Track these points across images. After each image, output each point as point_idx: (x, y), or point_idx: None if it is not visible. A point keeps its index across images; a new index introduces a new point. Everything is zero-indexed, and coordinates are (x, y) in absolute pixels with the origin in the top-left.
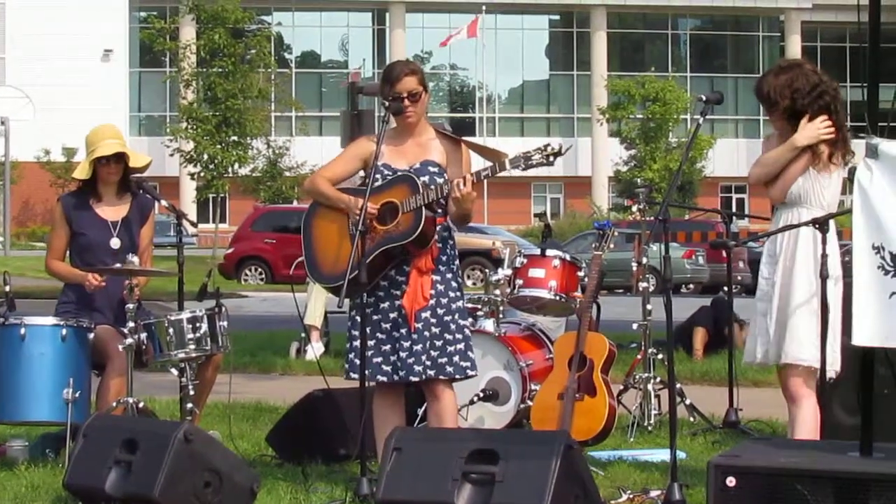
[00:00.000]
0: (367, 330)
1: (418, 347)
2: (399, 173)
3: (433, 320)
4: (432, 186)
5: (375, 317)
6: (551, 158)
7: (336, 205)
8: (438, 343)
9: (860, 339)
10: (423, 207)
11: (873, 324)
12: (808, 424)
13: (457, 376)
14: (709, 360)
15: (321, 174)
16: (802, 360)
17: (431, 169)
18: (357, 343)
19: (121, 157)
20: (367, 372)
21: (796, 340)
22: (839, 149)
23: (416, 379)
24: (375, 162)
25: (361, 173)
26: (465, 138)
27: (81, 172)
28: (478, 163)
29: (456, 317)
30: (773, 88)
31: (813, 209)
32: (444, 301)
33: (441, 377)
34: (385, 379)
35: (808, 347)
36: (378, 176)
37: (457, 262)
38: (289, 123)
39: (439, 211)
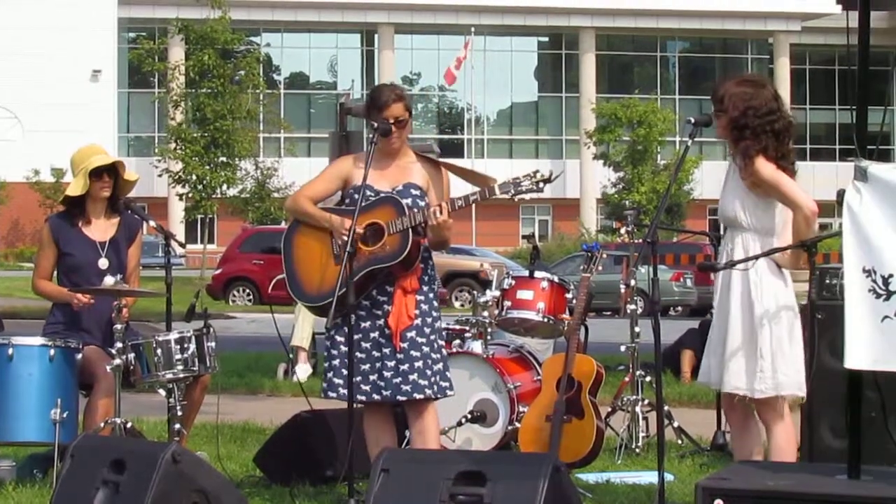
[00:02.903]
0: (346, 349)
1: (405, 367)
2: (383, 195)
3: (421, 339)
4: (416, 209)
5: (355, 336)
6: (541, 185)
7: (320, 224)
8: (429, 362)
9: (852, 362)
10: (410, 230)
11: (865, 347)
12: (751, 455)
13: (438, 396)
14: (696, 383)
15: (303, 193)
16: (737, 389)
17: (414, 192)
18: (335, 362)
19: (112, 171)
20: (343, 392)
21: (729, 368)
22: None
23: (404, 398)
24: (364, 182)
25: (340, 194)
26: (450, 162)
27: (76, 188)
28: (464, 187)
29: (438, 336)
30: (728, 95)
31: (746, 232)
32: (429, 320)
33: (438, 396)
34: (364, 398)
35: (740, 375)
36: (361, 196)
37: (437, 282)
38: (277, 144)
39: (421, 233)
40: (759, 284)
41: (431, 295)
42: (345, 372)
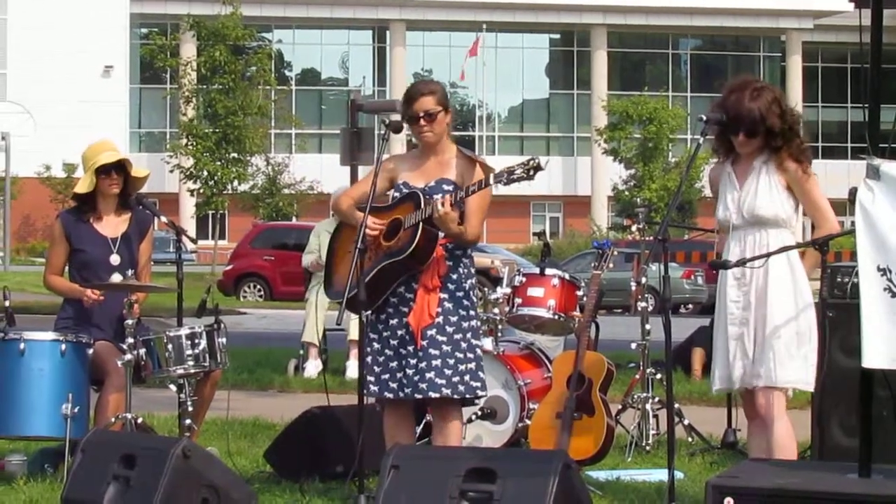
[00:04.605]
0: (378, 346)
1: (423, 365)
2: (410, 191)
3: (442, 338)
4: (430, 203)
5: (385, 333)
6: (531, 172)
7: (351, 222)
8: (450, 361)
9: (871, 361)
10: (422, 223)
11: (883, 346)
12: (788, 446)
13: (467, 396)
14: (707, 381)
15: (347, 193)
16: (789, 383)
17: (446, 187)
18: (368, 360)
19: (121, 168)
20: (375, 388)
21: (778, 363)
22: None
23: (421, 396)
24: (375, 179)
25: (390, 191)
26: (476, 156)
27: (83, 186)
28: None
29: (468, 336)
30: (764, 109)
31: (781, 229)
32: (454, 319)
33: (455, 396)
34: (391, 396)
35: (791, 370)
36: (397, 194)
37: (470, 281)
38: (288, 140)
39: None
40: (801, 278)
41: (460, 294)
42: (377, 369)
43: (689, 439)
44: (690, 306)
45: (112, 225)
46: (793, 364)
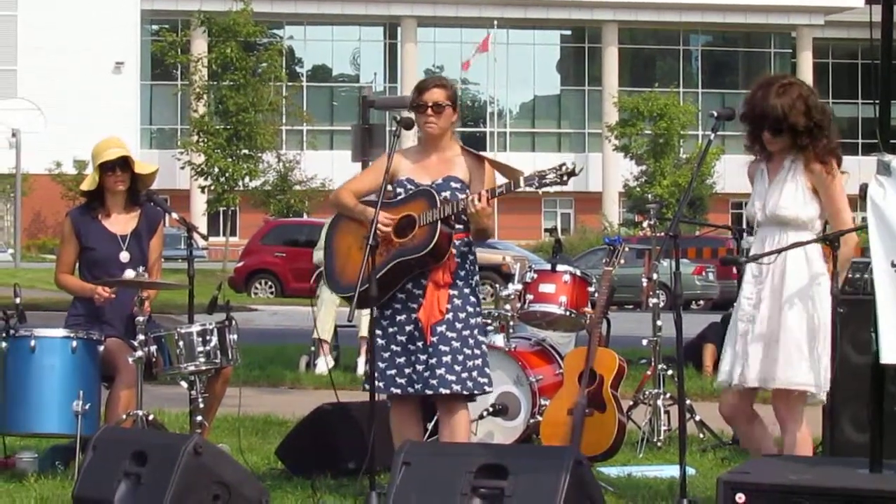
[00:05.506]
0: (382, 343)
1: (433, 361)
2: (420, 188)
3: (451, 334)
4: (450, 201)
5: (391, 329)
6: (565, 178)
7: (357, 217)
8: (460, 357)
9: (887, 357)
10: (440, 222)
11: None
12: (803, 453)
13: (475, 392)
14: (719, 384)
15: (346, 187)
16: (797, 385)
17: (454, 185)
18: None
19: (126, 164)
20: (381, 384)
21: (788, 364)
22: (837, 164)
23: (432, 392)
24: (386, 175)
25: (390, 187)
26: (486, 155)
27: (88, 183)
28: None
29: (475, 332)
30: (789, 106)
31: (801, 231)
32: (462, 315)
33: (464, 392)
34: (399, 391)
35: (801, 371)
36: (401, 190)
37: (476, 277)
38: (299, 137)
39: (459, 226)
40: (820, 279)
41: (467, 290)
42: (381, 366)
43: (701, 435)
44: (702, 302)
45: (121, 222)
46: (801, 366)
